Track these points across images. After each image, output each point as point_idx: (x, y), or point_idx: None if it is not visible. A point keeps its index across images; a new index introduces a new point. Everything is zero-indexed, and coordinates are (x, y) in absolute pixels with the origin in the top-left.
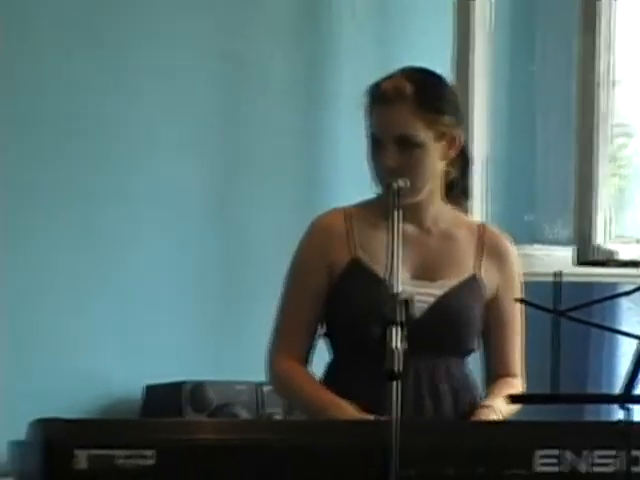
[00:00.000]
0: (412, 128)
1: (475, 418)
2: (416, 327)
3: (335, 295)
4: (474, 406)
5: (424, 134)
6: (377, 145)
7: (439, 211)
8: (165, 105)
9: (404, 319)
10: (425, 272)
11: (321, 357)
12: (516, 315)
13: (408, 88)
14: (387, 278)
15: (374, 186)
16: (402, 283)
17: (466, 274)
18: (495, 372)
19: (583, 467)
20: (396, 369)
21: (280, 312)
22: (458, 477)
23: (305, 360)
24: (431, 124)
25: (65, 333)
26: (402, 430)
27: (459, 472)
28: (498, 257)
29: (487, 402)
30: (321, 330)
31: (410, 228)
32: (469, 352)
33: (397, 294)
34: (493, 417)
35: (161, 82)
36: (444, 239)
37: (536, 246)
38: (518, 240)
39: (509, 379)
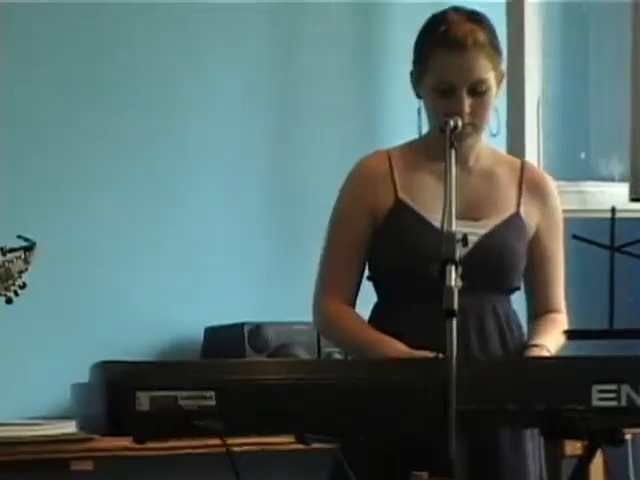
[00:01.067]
0: (486, 73)
1: (527, 354)
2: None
3: (380, 237)
4: (521, 344)
5: (492, 77)
6: (445, 89)
7: (481, 149)
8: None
9: (460, 257)
10: (468, 211)
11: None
12: (559, 252)
13: (481, 35)
14: (444, 218)
15: (419, 122)
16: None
17: (508, 212)
18: (539, 309)
19: None
20: (454, 307)
21: (325, 256)
22: (517, 412)
23: (351, 302)
24: (496, 66)
25: (127, 277)
26: (460, 367)
27: (518, 407)
28: (539, 195)
29: (537, 340)
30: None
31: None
32: (513, 290)
33: (454, 233)
34: (545, 354)
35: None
36: (486, 177)
37: (591, 183)
38: (573, 177)
39: (554, 315)
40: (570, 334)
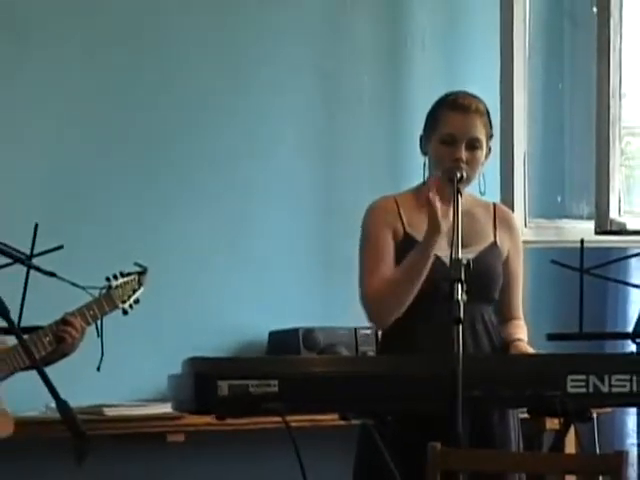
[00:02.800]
0: (481, 134)
1: (514, 351)
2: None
3: (395, 262)
4: (504, 342)
5: (484, 140)
6: (448, 141)
7: (464, 196)
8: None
9: (464, 277)
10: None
11: None
12: (521, 273)
13: (481, 106)
14: (451, 247)
15: (427, 172)
16: (442, 249)
17: (488, 241)
18: (507, 315)
19: (605, 388)
20: (461, 316)
21: (363, 261)
22: (511, 397)
23: None
24: (487, 135)
25: (213, 291)
26: (465, 361)
27: (511, 393)
28: (508, 228)
29: (518, 336)
30: None
31: (443, 208)
32: (494, 300)
33: (460, 259)
34: (529, 349)
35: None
36: (467, 215)
37: (565, 220)
38: (551, 215)
39: (518, 321)
40: (551, 336)
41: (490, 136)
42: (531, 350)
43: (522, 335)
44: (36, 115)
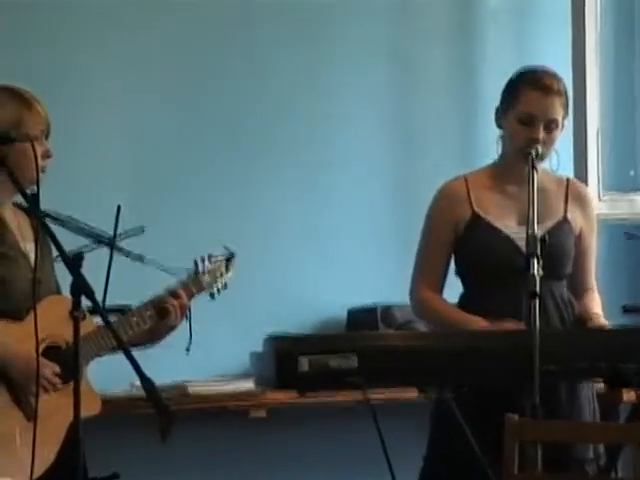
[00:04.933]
0: (559, 115)
1: (592, 323)
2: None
3: (463, 242)
4: (577, 317)
5: (560, 120)
6: (527, 120)
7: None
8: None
9: (540, 253)
10: (527, 219)
11: None
12: (594, 245)
13: (561, 87)
14: (528, 224)
15: (499, 149)
16: (510, 229)
17: (558, 217)
18: (581, 288)
19: None
20: (537, 290)
21: (418, 256)
22: (586, 370)
23: (439, 291)
24: (565, 115)
25: (292, 270)
26: (543, 336)
27: (587, 366)
28: (581, 203)
29: (595, 310)
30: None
31: (511, 187)
32: (566, 276)
33: (535, 235)
34: (604, 321)
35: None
36: (539, 192)
37: (638, 193)
38: (624, 189)
39: (592, 292)
40: (626, 308)
41: (566, 114)
42: (605, 322)
43: (598, 309)
44: (120, 100)
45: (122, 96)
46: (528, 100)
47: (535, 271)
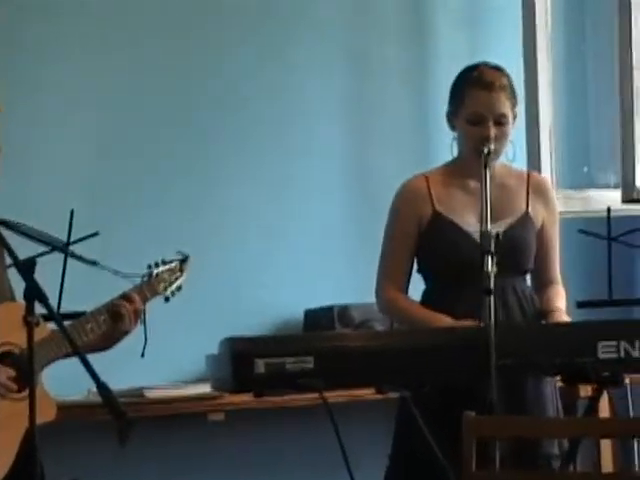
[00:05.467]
0: (506, 108)
1: (551, 319)
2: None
3: (425, 241)
4: (536, 312)
5: (510, 114)
6: (475, 120)
7: (495, 167)
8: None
9: (494, 249)
10: (481, 216)
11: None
12: (557, 238)
13: (505, 80)
14: (482, 221)
15: (455, 149)
16: (471, 226)
17: (520, 212)
18: (544, 281)
19: (636, 353)
20: (491, 287)
21: (382, 256)
22: (543, 365)
23: (404, 289)
24: (513, 107)
25: (249, 271)
26: (498, 331)
27: (543, 361)
28: (542, 196)
29: (554, 306)
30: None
31: (472, 184)
32: (527, 271)
33: (489, 232)
34: (565, 318)
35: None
36: (500, 188)
37: (592, 190)
38: (578, 186)
39: (556, 286)
40: (580, 304)
41: (515, 104)
42: (567, 318)
43: (559, 303)
44: (74, 103)
45: (76, 99)
46: (473, 100)
47: (489, 268)
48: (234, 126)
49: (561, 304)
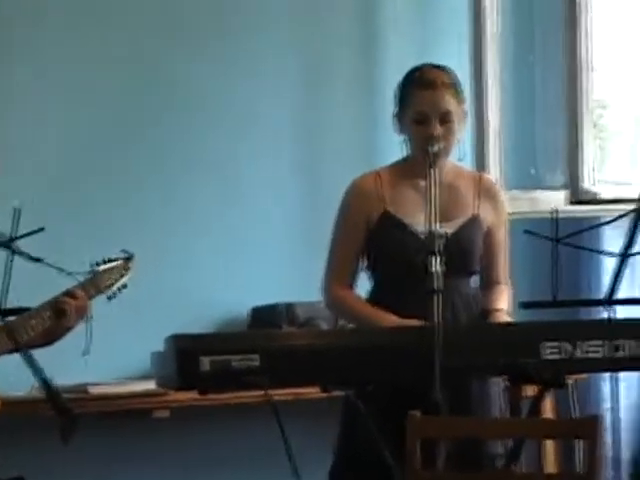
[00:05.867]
0: (451, 106)
1: (491, 320)
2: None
3: (373, 240)
4: (483, 312)
5: (456, 111)
6: (420, 119)
7: (446, 167)
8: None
9: (441, 250)
10: (439, 215)
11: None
12: (505, 240)
13: (447, 78)
14: (430, 221)
15: (404, 150)
16: (419, 225)
17: (469, 214)
18: (490, 281)
19: (578, 354)
20: (436, 286)
21: (330, 253)
22: (486, 366)
23: (352, 287)
24: (459, 104)
25: (195, 269)
26: (443, 331)
27: (487, 362)
28: (491, 199)
29: (496, 306)
30: (362, 265)
31: (423, 183)
32: (474, 273)
33: (435, 232)
34: (506, 318)
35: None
36: (450, 188)
37: (538, 191)
38: (525, 187)
39: (502, 286)
40: (525, 304)
41: (462, 102)
42: (507, 319)
43: (502, 304)
44: (24, 95)
45: (28, 91)
46: (417, 99)
47: (435, 268)
48: (185, 127)
49: (503, 305)
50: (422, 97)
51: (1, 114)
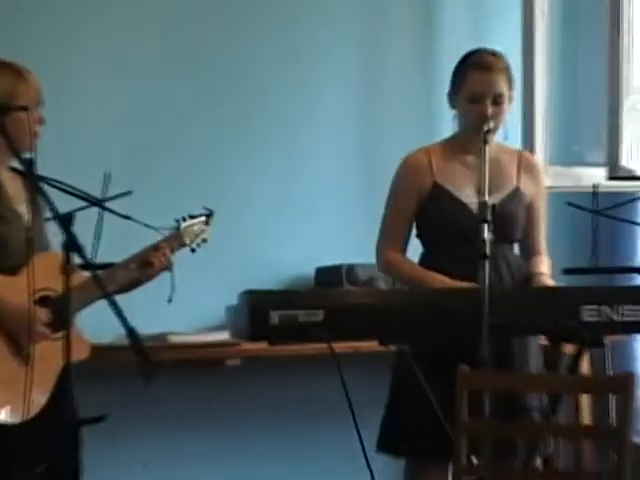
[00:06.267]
0: (503, 89)
1: (536, 282)
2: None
3: (426, 209)
4: (526, 277)
5: (507, 94)
6: (475, 99)
7: (490, 144)
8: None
9: (490, 218)
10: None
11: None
12: (544, 213)
13: (502, 63)
14: (478, 193)
15: (455, 126)
16: (468, 197)
17: (511, 187)
18: (530, 250)
19: (616, 317)
20: (487, 252)
21: (384, 222)
22: (530, 325)
23: (404, 251)
24: (510, 88)
25: (268, 232)
26: (492, 294)
27: (531, 322)
28: (532, 174)
29: (541, 270)
30: (413, 232)
31: (470, 158)
32: (517, 240)
33: (486, 202)
34: (549, 281)
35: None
36: (494, 164)
37: (580, 168)
38: (568, 163)
39: (542, 256)
40: (567, 270)
41: (512, 87)
42: (551, 282)
43: (544, 269)
44: (103, 67)
45: (112, 64)
46: (473, 80)
47: (485, 235)
48: (254, 108)
49: (546, 270)
50: (479, 78)
51: (86, 84)
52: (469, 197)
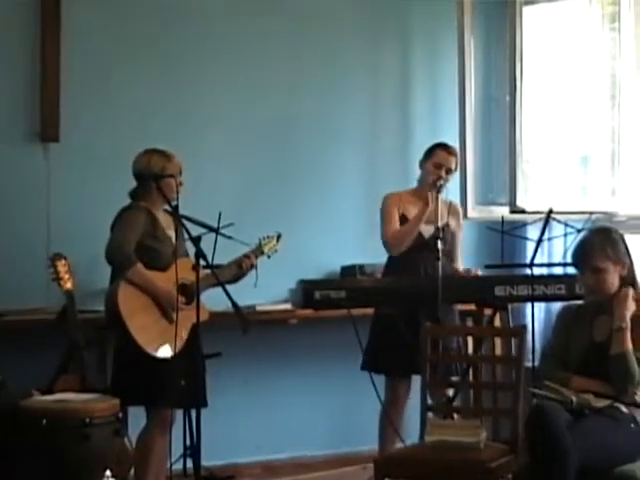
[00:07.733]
0: (453, 166)
1: (455, 274)
2: (425, 242)
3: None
4: (452, 272)
5: (454, 168)
6: (437, 166)
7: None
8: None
9: (441, 236)
10: (430, 220)
11: None
12: (461, 239)
13: (455, 151)
14: (436, 222)
15: (421, 181)
16: (421, 226)
17: (444, 221)
18: (452, 259)
19: (514, 292)
20: (439, 256)
21: (384, 225)
22: (466, 297)
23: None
24: (456, 166)
25: (309, 240)
26: (443, 280)
27: (466, 295)
28: (455, 215)
29: (457, 269)
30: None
31: (421, 202)
32: (449, 254)
33: (439, 227)
34: (462, 273)
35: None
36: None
37: (494, 206)
38: (486, 203)
39: (457, 262)
40: (487, 266)
41: (457, 168)
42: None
43: (459, 268)
44: (223, 137)
45: (228, 133)
46: (439, 155)
47: (439, 245)
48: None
49: (460, 269)
50: (442, 155)
51: (202, 138)
52: (422, 227)
